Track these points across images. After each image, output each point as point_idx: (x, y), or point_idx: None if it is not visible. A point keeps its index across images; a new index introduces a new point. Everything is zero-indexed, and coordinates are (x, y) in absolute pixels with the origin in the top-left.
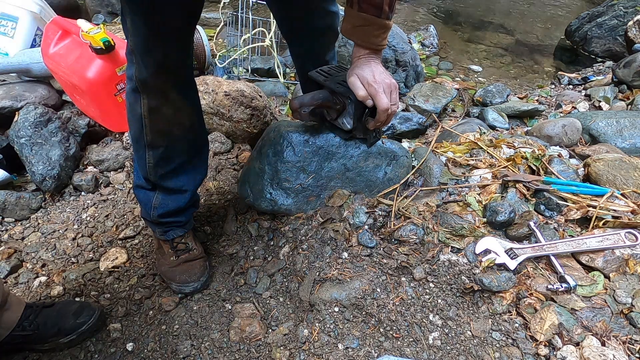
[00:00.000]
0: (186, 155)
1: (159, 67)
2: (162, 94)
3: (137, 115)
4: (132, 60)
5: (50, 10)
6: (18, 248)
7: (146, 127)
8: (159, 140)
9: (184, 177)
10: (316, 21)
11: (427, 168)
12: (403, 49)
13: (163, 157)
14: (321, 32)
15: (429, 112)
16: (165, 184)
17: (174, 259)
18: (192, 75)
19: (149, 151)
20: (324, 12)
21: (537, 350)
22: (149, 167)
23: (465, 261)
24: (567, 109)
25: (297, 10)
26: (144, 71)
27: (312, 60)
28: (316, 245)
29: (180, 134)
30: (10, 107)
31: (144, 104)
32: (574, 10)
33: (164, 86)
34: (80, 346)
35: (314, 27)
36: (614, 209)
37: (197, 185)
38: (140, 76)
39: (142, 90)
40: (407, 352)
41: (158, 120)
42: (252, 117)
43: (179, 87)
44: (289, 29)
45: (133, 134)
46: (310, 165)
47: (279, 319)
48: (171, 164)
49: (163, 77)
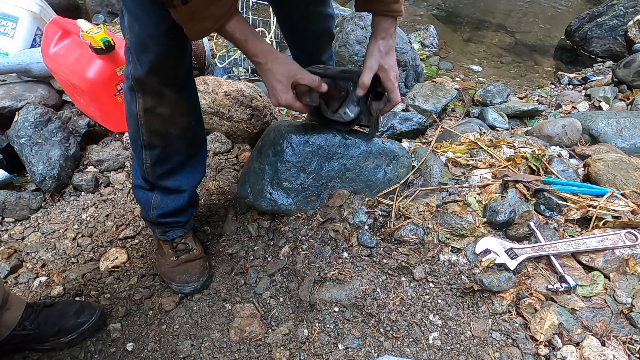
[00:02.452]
0: (184, 156)
1: (154, 65)
2: (158, 93)
3: (133, 114)
4: (129, 58)
5: (50, 10)
6: (18, 248)
7: (142, 127)
8: (156, 140)
9: (182, 177)
10: (312, 24)
11: (427, 168)
12: (403, 49)
13: (160, 157)
14: (317, 35)
15: (429, 112)
16: (164, 184)
17: (173, 259)
18: (190, 75)
19: (146, 151)
20: (320, 15)
21: (537, 350)
22: (147, 167)
23: (465, 261)
24: (567, 109)
25: (294, 12)
26: (139, 69)
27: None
28: (316, 245)
29: (177, 134)
30: (10, 107)
31: (139, 103)
32: (574, 10)
33: (159, 85)
34: (80, 346)
35: (310, 29)
36: (614, 209)
37: (195, 185)
38: (135, 74)
39: (138, 89)
40: (407, 352)
41: (154, 120)
42: (252, 117)
43: (175, 86)
44: (287, 31)
45: (130, 133)
46: (310, 165)
47: (279, 319)
48: (169, 164)
49: (158, 76)
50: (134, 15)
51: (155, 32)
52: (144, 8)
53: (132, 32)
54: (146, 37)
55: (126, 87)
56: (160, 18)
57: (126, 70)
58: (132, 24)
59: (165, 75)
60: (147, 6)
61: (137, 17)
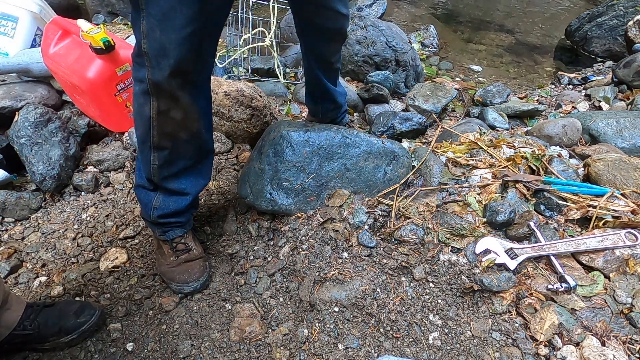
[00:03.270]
0: (191, 160)
1: (174, 70)
2: (174, 98)
3: (145, 117)
4: (142, 62)
5: (50, 10)
6: (18, 248)
7: (154, 128)
8: (166, 142)
9: (187, 181)
10: (327, 20)
11: (427, 168)
12: (403, 49)
13: (168, 159)
14: (331, 33)
15: (429, 112)
16: (168, 186)
17: (173, 259)
18: (207, 81)
19: (154, 152)
20: (336, 12)
21: (537, 350)
22: (153, 168)
23: (465, 261)
24: (567, 109)
25: (309, 8)
26: (158, 74)
27: (318, 60)
28: (316, 245)
29: (187, 138)
30: (10, 107)
31: (154, 106)
32: (574, 10)
33: (177, 89)
34: (80, 346)
35: (324, 26)
36: (614, 209)
37: (199, 190)
38: (153, 78)
39: (154, 92)
40: (407, 352)
41: (166, 122)
42: (252, 117)
43: (192, 91)
44: (300, 27)
45: (140, 134)
46: (310, 165)
47: (279, 319)
48: (175, 167)
49: (177, 81)
50: (157, 19)
51: (177, 38)
52: (167, 13)
53: (151, 36)
54: (168, 42)
55: (138, 89)
56: (184, 24)
57: (139, 74)
58: (152, 28)
59: (185, 80)
60: (171, 12)
61: (160, 21)
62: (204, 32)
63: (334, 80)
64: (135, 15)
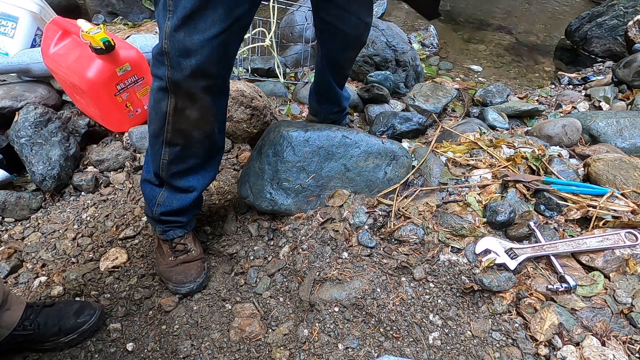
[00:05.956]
0: (201, 159)
1: (195, 71)
2: (192, 97)
3: (161, 112)
4: (163, 61)
5: (50, 10)
6: (18, 248)
7: (169, 124)
8: (179, 139)
9: (194, 178)
10: (349, 28)
11: (427, 168)
12: (403, 49)
13: (179, 155)
14: (350, 39)
15: (429, 112)
16: (175, 183)
17: (172, 259)
18: (226, 83)
19: (165, 148)
20: (358, 20)
21: (537, 350)
22: (163, 163)
23: (465, 261)
24: (567, 109)
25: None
26: (178, 73)
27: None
28: (316, 245)
29: (200, 137)
30: (10, 107)
31: (171, 103)
32: (574, 10)
33: (196, 90)
34: (80, 346)
35: (345, 32)
36: (614, 209)
37: (205, 186)
38: (173, 77)
39: (172, 90)
40: (407, 352)
41: (182, 120)
42: (252, 117)
43: (211, 93)
44: (320, 28)
45: (153, 129)
46: (310, 165)
47: (279, 319)
48: (185, 164)
49: (198, 82)
50: (182, 21)
51: (201, 40)
52: (192, 15)
53: (174, 37)
54: (191, 44)
55: (156, 86)
56: (208, 25)
57: (158, 71)
58: (176, 28)
59: (205, 82)
60: (196, 14)
61: (185, 22)
62: (228, 36)
63: (341, 84)
64: (161, 15)
